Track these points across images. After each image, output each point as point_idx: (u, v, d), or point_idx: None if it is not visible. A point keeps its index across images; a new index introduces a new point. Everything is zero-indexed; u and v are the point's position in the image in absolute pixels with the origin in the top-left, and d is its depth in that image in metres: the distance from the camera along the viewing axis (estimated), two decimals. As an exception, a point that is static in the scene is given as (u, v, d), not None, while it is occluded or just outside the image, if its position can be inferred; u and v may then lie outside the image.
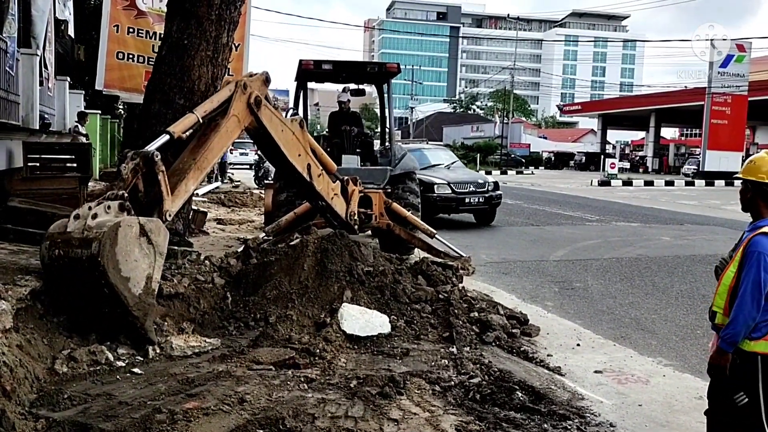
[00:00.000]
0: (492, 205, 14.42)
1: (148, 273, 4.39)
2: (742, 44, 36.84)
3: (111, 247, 4.08)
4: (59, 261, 4.18)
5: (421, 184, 12.62)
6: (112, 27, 10.43)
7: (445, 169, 15.14)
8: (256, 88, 5.87)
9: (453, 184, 13.80)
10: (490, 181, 14.80)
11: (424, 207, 12.32)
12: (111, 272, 4.11)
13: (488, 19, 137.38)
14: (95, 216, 4.20)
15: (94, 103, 19.64)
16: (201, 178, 5.42)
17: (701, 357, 5.79)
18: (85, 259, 4.06)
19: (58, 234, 4.22)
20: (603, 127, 56.36)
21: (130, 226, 4.26)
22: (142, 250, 4.34)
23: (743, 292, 3.18)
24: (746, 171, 3.39)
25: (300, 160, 6.62)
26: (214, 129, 5.44)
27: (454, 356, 5.03)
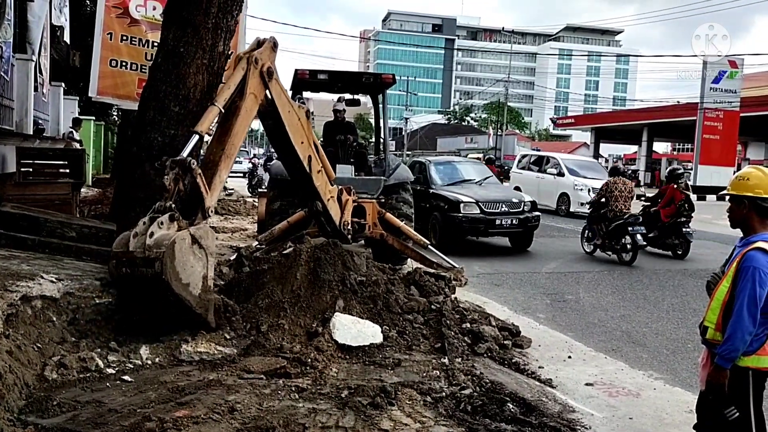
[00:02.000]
0: (528, 228, 12.71)
1: (204, 273, 4.91)
2: (735, 60, 37.12)
3: (171, 262, 4.55)
4: (127, 278, 4.67)
5: (446, 203, 12.24)
6: (105, 35, 10.46)
7: (476, 185, 13.47)
8: (266, 58, 5.98)
9: (482, 203, 12.18)
10: (527, 200, 12.90)
11: (448, 228, 11.95)
12: (174, 284, 4.59)
13: (483, 32, 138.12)
14: (152, 234, 4.62)
15: (89, 110, 19.61)
16: (231, 165, 5.72)
17: (692, 371, 5.81)
18: (150, 277, 4.54)
19: (122, 254, 4.66)
20: (596, 140, 56.59)
21: (183, 240, 4.71)
22: (195, 256, 4.84)
23: (739, 308, 3.18)
24: (738, 187, 3.39)
25: (303, 148, 6.66)
26: (234, 113, 5.63)
27: (446, 367, 5.02)
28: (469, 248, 12.73)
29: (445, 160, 15.28)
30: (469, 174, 14.15)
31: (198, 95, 6.76)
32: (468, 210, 12.09)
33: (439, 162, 14.51)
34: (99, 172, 20.63)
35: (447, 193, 12.52)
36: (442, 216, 12.20)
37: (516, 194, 13.36)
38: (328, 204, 7.43)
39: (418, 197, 12.39)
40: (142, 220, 4.81)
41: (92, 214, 9.53)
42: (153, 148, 6.68)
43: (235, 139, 5.61)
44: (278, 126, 6.35)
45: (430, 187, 12.95)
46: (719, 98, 36.78)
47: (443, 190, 12.73)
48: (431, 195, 12.79)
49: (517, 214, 12.39)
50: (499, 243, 13.61)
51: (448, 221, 12.09)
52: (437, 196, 12.66)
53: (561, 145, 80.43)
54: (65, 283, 4.92)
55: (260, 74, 5.88)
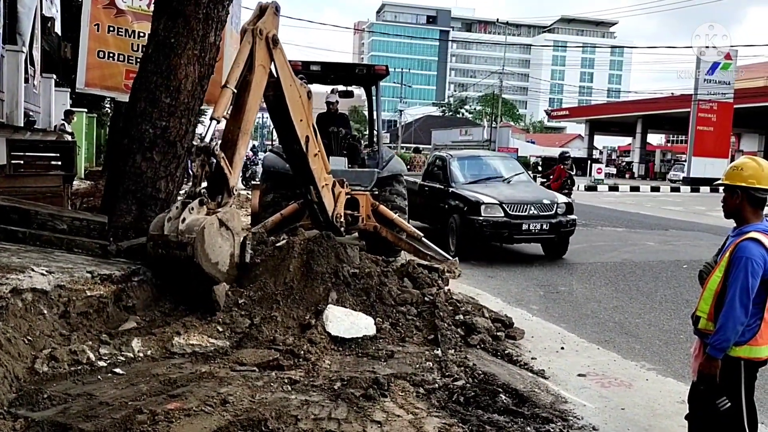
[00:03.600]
0: (561, 234, 10.97)
1: (230, 252, 5.44)
2: (728, 52, 37.20)
3: (201, 246, 5.03)
4: (162, 259, 5.18)
5: (465, 204, 10.89)
6: (92, 26, 10.41)
7: (503, 184, 11.92)
8: (270, 26, 6.08)
9: (506, 205, 10.59)
10: (561, 201, 11.16)
11: (466, 234, 10.65)
12: (204, 264, 5.11)
13: (478, 24, 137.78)
14: (184, 219, 5.05)
15: (81, 102, 19.49)
16: (249, 140, 6.08)
17: (684, 361, 5.83)
18: (183, 259, 5.04)
19: (157, 236, 5.14)
20: (590, 132, 56.71)
21: (212, 224, 5.18)
22: (223, 237, 5.33)
23: (731, 298, 3.19)
24: (733, 177, 3.38)
25: (301, 127, 6.73)
26: (245, 89, 5.82)
27: (439, 359, 5.02)
28: (485, 252, 11.22)
29: (470, 155, 13.76)
30: (497, 170, 12.58)
31: (189, 86, 6.73)
32: (490, 212, 10.57)
33: (462, 157, 12.96)
34: (91, 164, 20.54)
35: (467, 193, 11.10)
36: (461, 219, 10.83)
37: (549, 194, 11.61)
38: (323, 192, 7.42)
39: (436, 197, 11.80)
40: (174, 204, 5.31)
41: (84, 206, 9.48)
42: (144, 140, 6.66)
43: (249, 115, 5.86)
44: (279, 100, 6.39)
45: (450, 186, 11.65)
46: (713, 90, 36.88)
47: (464, 189, 11.33)
48: (450, 194, 11.48)
49: (549, 218, 10.75)
50: (529, 250, 11.91)
51: (466, 225, 10.68)
52: (456, 195, 11.28)
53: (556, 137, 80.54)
54: (56, 276, 4.88)
55: (266, 43, 5.99)
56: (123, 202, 6.63)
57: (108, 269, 5.41)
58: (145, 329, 5.03)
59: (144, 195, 6.65)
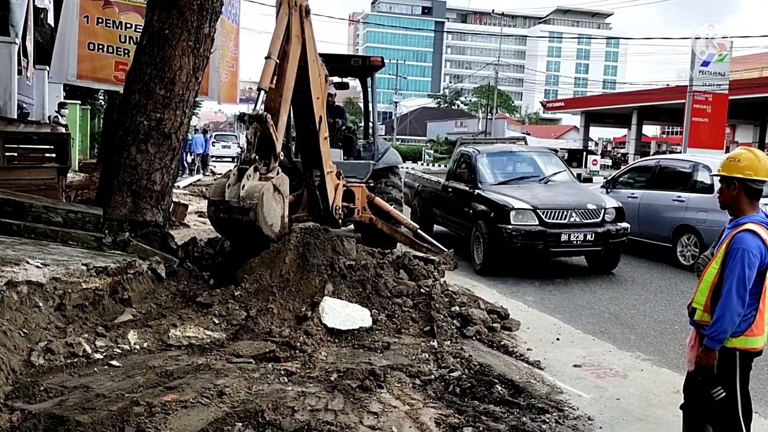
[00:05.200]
0: (610, 246, 9.22)
1: (282, 214, 5.96)
2: (724, 43, 37.18)
3: (261, 210, 5.53)
4: (225, 222, 5.68)
5: (492, 209, 9.22)
6: (82, 18, 10.40)
7: (539, 185, 10.11)
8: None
9: (541, 211, 8.91)
10: (609, 206, 9.35)
11: (494, 245, 9.09)
12: (263, 227, 5.62)
13: (473, 15, 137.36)
14: (243, 186, 5.50)
15: (74, 93, 19.37)
16: (288, 107, 6.49)
17: (679, 352, 5.86)
18: (245, 223, 5.54)
19: (219, 201, 5.59)
20: (586, 124, 56.62)
21: (269, 190, 5.65)
22: (276, 201, 5.83)
23: (728, 289, 3.20)
24: (729, 168, 3.39)
25: (317, 105, 7.04)
26: (284, 59, 6.21)
27: (435, 350, 5.04)
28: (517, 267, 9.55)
29: (500, 150, 11.53)
30: (533, 168, 10.80)
31: (184, 78, 6.70)
32: (521, 220, 8.88)
33: (491, 153, 11.02)
34: (85, 156, 20.44)
35: (495, 196, 9.41)
36: (488, 227, 9.17)
37: (595, 197, 9.72)
38: (328, 178, 7.48)
39: (461, 200, 10.29)
40: (231, 171, 5.77)
41: (78, 198, 9.44)
42: (139, 132, 6.63)
43: (289, 83, 6.24)
44: (302, 72, 6.55)
45: (477, 187, 9.98)
46: (708, 81, 36.86)
47: (492, 192, 9.62)
48: (476, 197, 9.83)
49: (594, 226, 9.01)
50: (572, 261, 10.30)
51: (493, 235, 9.03)
52: (482, 199, 9.62)
53: (551, 129, 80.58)
54: (51, 269, 4.87)
55: (299, 14, 6.34)
56: (118, 195, 6.61)
57: (103, 261, 5.40)
58: (141, 321, 5.03)
59: (139, 187, 6.63)
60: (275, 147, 5.97)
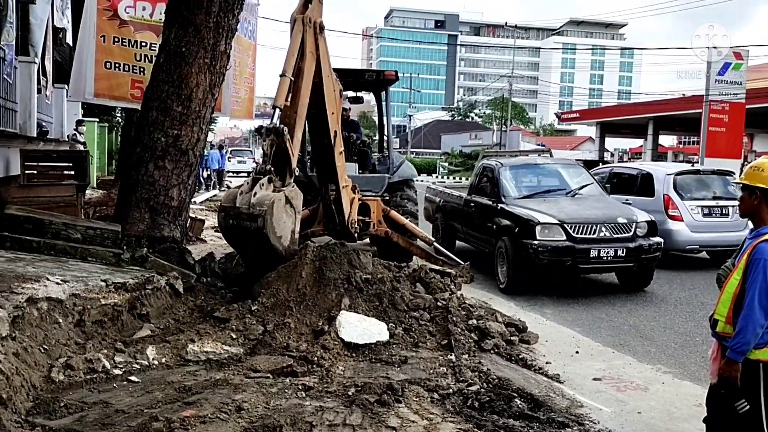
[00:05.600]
0: (642, 262, 8.77)
1: (292, 228, 5.84)
2: (739, 52, 36.85)
3: (270, 219, 5.45)
4: (233, 228, 5.63)
5: (517, 224, 8.84)
6: (99, 37, 10.58)
7: (566, 198, 9.70)
8: (317, 14, 6.49)
9: (569, 225, 8.51)
10: (641, 220, 8.95)
11: (519, 261, 8.69)
12: (271, 237, 5.53)
13: (486, 27, 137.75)
14: (255, 194, 5.47)
15: (92, 111, 19.63)
16: (303, 123, 6.51)
17: (700, 364, 5.78)
18: (254, 230, 5.48)
19: (230, 207, 5.57)
20: (601, 134, 56.41)
21: (280, 200, 5.59)
22: (287, 213, 5.74)
23: (750, 300, 3.15)
24: (752, 177, 3.35)
25: (332, 120, 7.06)
26: (299, 76, 6.25)
27: (453, 364, 5.01)
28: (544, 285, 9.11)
29: (524, 162, 11.18)
30: (559, 181, 10.39)
31: (200, 95, 6.78)
32: (548, 235, 8.50)
33: (515, 165, 10.67)
34: (103, 173, 20.69)
35: (519, 210, 9.03)
36: (512, 243, 8.79)
37: (625, 211, 9.30)
38: (344, 192, 7.50)
39: (484, 215, 9.92)
40: (245, 180, 5.80)
41: (97, 215, 9.54)
42: (156, 149, 6.71)
43: (304, 99, 6.27)
44: (317, 88, 6.58)
45: (501, 201, 9.57)
46: (724, 90, 36.60)
47: (516, 206, 9.24)
48: (499, 212, 9.42)
49: (625, 241, 8.60)
50: (601, 278, 9.80)
51: (518, 251, 8.65)
52: (506, 213, 9.23)
53: (566, 140, 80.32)
54: (71, 285, 4.92)
55: (314, 31, 6.35)
56: (136, 211, 6.67)
57: (122, 277, 5.45)
58: (159, 337, 5.06)
59: (157, 203, 6.69)
60: (291, 161, 5.98)
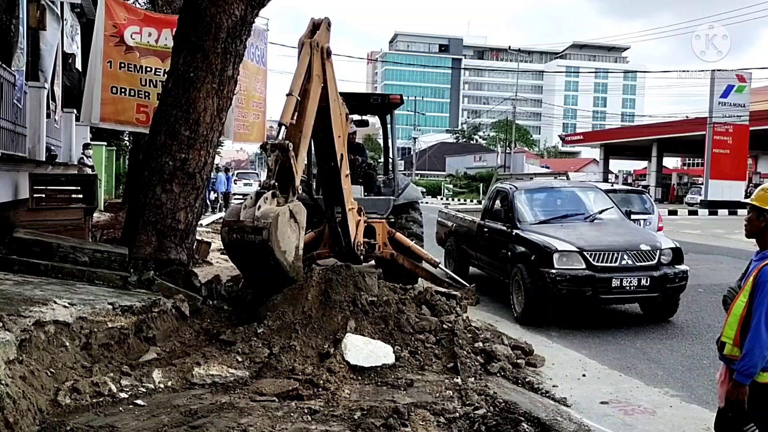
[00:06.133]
0: (667, 292, 8.17)
1: (296, 244, 5.77)
2: (742, 75, 37.12)
3: (275, 232, 5.36)
4: (237, 243, 5.51)
5: (532, 251, 8.34)
6: (105, 63, 10.81)
7: (585, 223, 9.19)
8: (324, 39, 6.55)
9: (589, 253, 7.97)
10: (665, 247, 8.39)
11: (536, 291, 8.13)
12: (276, 250, 5.43)
13: (489, 51, 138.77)
14: (259, 207, 5.42)
15: (101, 135, 19.80)
16: (308, 142, 6.53)
17: (708, 387, 5.74)
18: (258, 243, 5.39)
19: (233, 222, 5.50)
20: (605, 156, 56.54)
21: (284, 214, 5.53)
22: (291, 228, 5.67)
23: (757, 323, 3.15)
24: (762, 200, 3.37)
25: (339, 143, 7.06)
26: (305, 97, 6.27)
27: (459, 387, 4.99)
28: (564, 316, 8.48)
29: (540, 186, 10.69)
30: (577, 205, 9.83)
31: (208, 119, 6.85)
32: (566, 263, 7.96)
33: (530, 189, 10.22)
34: (111, 196, 20.79)
35: (535, 237, 8.51)
36: (529, 272, 8.24)
37: (648, 237, 8.83)
38: (350, 214, 7.53)
39: (498, 241, 9.46)
40: (249, 195, 5.76)
41: (104, 238, 9.59)
42: (164, 172, 6.76)
43: (308, 120, 6.28)
44: (324, 112, 6.64)
45: (515, 227, 9.05)
46: (728, 112, 36.74)
47: (532, 232, 8.73)
48: (514, 238, 8.90)
49: (649, 270, 8.03)
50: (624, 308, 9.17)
51: (535, 280, 8.09)
52: (521, 240, 8.72)
53: (570, 162, 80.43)
54: (78, 308, 4.94)
55: (321, 55, 6.40)
56: (143, 234, 6.71)
57: (129, 300, 5.46)
58: (165, 360, 5.06)
59: (164, 226, 6.73)
60: (294, 179, 5.94)
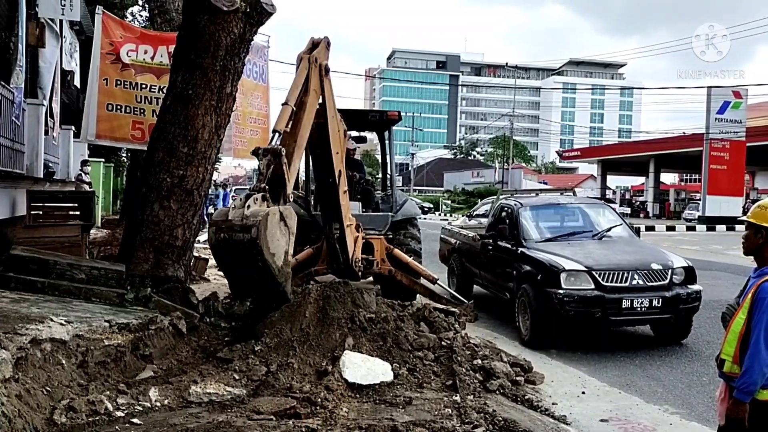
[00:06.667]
0: (680, 313, 7.82)
1: (286, 249, 5.51)
2: (738, 91, 37.36)
3: (264, 230, 5.15)
4: (224, 242, 5.28)
5: (539, 270, 8.03)
6: (101, 80, 10.89)
7: (593, 241, 8.86)
8: (323, 57, 6.52)
9: (598, 272, 7.66)
10: (677, 266, 8.04)
11: (543, 313, 7.82)
12: (265, 250, 5.19)
13: (487, 68, 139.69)
14: (248, 207, 5.23)
15: (98, 152, 19.82)
16: (302, 154, 6.41)
17: (708, 404, 5.72)
18: (246, 241, 5.16)
19: (221, 221, 5.29)
20: (603, 172, 56.77)
21: (274, 215, 5.33)
22: (281, 231, 5.44)
23: (756, 340, 3.14)
24: (759, 216, 3.37)
25: (337, 160, 7.04)
26: (301, 109, 6.19)
27: (458, 405, 4.96)
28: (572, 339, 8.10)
29: (545, 202, 10.25)
30: (584, 222, 9.56)
31: (206, 136, 6.86)
32: (574, 283, 7.65)
33: (535, 205, 9.82)
34: (108, 213, 20.77)
35: (541, 255, 8.22)
36: (535, 292, 7.94)
37: (659, 256, 8.41)
38: (348, 230, 7.51)
39: (502, 260, 9.19)
40: (238, 197, 5.54)
41: (102, 255, 9.56)
42: (162, 189, 6.76)
43: (303, 131, 6.18)
44: (322, 128, 6.65)
45: (521, 245, 8.79)
46: (724, 128, 36.94)
47: (538, 251, 8.43)
48: (520, 257, 8.63)
49: (661, 290, 7.69)
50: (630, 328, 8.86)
51: (542, 301, 7.79)
52: (527, 258, 8.42)
53: (568, 178, 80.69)
54: (74, 326, 4.92)
55: (319, 71, 6.37)
56: (140, 251, 6.70)
57: (125, 318, 5.44)
58: (162, 378, 5.03)
59: (161, 243, 6.72)
60: (286, 186, 5.79)
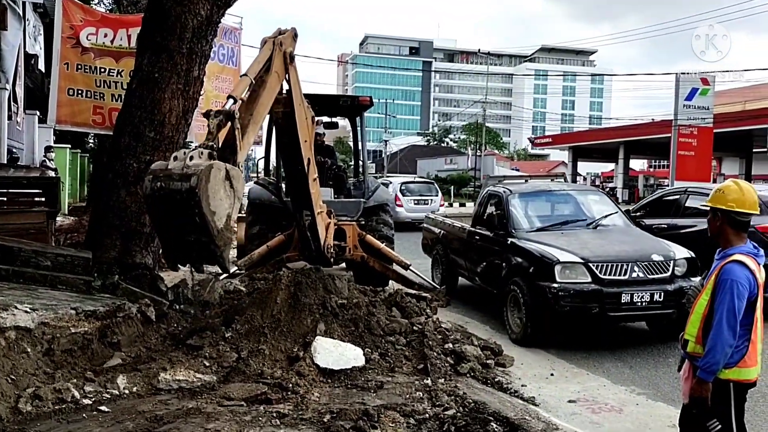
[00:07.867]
0: (683, 308, 6.53)
1: (228, 212, 5.10)
2: (706, 78, 37.87)
3: (205, 183, 4.75)
4: (160, 192, 4.83)
5: (530, 263, 7.47)
6: (62, 65, 10.73)
7: (587, 230, 8.24)
8: (289, 43, 6.32)
9: (594, 264, 7.10)
10: (679, 257, 7.45)
11: (536, 308, 7.25)
12: (203, 203, 4.78)
13: (460, 54, 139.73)
14: (192, 158, 4.85)
15: (65, 137, 19.44)
16: (256, 131, 6.10)
17: (673, 385, 5.83)
18: (184, 191, 4.74)
19: (160, 170, 4.87)
20: (573, 159, 57.27)
21: (219, 170, 4.94)
22: (225, 191, 5.04)
23: (719, 321, 3.21)
24: (714, 200, 3.45)
25: (305, 148, 6.89)
26: (261, 85, 5.93)
27: (429, 388, 4.99)
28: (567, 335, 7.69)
29: (536, 189, 9.50)
30: (578, 210, 8.93)
31: (173, 120, 6.75)
32: (569, 276, 7.10)
33: (525, 192, 9.14)
34: (75, 200, 20.40)
35: (533, 246, 7.61)
36: (528, 285, 7.38)
37: (660, 246, 7.78)
38: (319, 218, 7.46)
39: (491, 251, 8.61)
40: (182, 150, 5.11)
41: (68, 242, 9.39)
42: (128, 175, 6.65)
43: (261, 108, 5.93)
44: (288, 117, 6.52)
45: (510, 235, 8.18)
46: (693, 115, 37.47)
47: (529, 241, 7.81)
48: (509, 248, 8.01)
49: (663, 283, 7.15)
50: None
51: (535, 295, 7.23)
52: (518, 250, 7.82)
53: (540, 164, 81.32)
54: (40, 313, 4.84)
55: (283, 56, 6.17)
56: (107, 237, 6.59)
57: (92, 305, 5.36)
58: (130, 365, 4.97)
59: (128, 229, 6.62)
60: (236, 154, 5.44)
